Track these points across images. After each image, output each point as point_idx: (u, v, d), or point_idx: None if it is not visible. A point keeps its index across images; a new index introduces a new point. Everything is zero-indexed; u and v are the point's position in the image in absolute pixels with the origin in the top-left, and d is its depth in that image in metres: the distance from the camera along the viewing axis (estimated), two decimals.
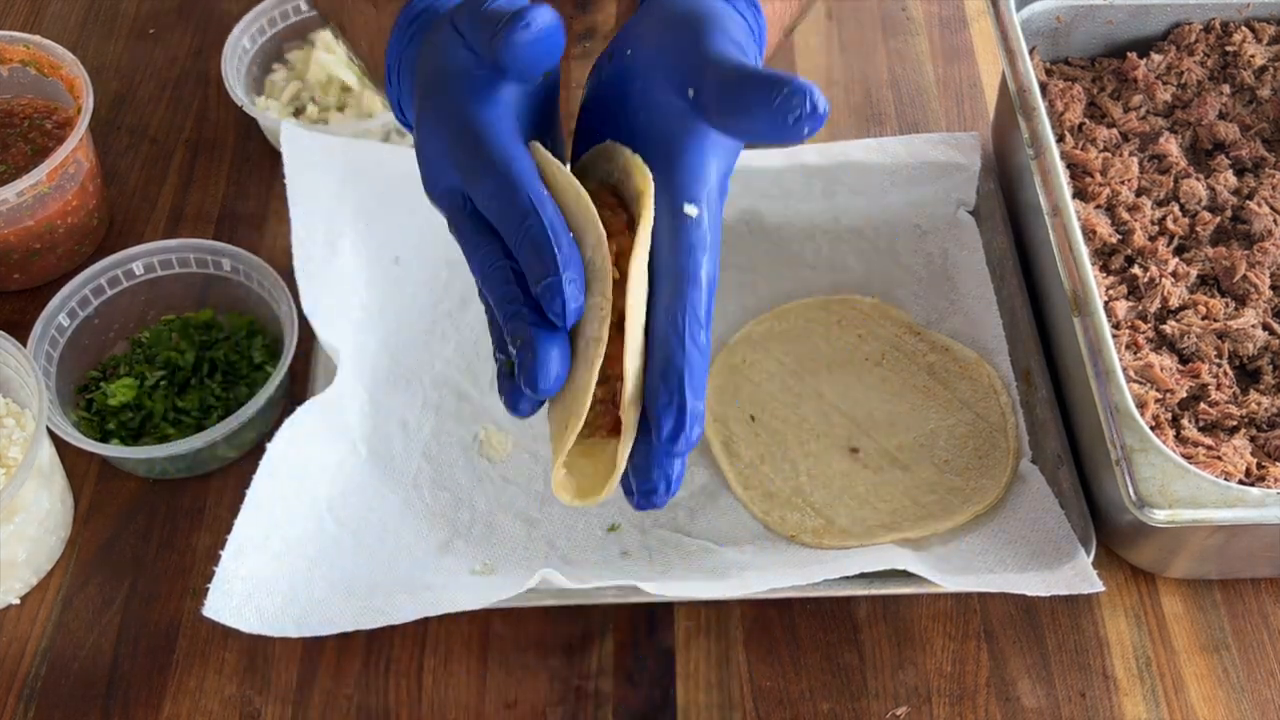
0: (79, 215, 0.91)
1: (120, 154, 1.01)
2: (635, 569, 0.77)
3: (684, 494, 0.80)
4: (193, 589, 0.78)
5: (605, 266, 0.52)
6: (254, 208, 0.97)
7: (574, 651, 0.75)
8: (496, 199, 0.53)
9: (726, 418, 0.83)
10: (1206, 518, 0.67)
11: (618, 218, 0.55)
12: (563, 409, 0.54)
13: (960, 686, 0.73)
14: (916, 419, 0.83)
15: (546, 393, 0.52)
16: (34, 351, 0.81)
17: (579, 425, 0.52)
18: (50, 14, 1.11)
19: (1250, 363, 0.79)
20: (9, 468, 0.75)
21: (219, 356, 0.85)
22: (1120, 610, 0.76)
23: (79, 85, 0.90)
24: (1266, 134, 0.89)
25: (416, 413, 0.84)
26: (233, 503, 0.79)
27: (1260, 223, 0.83)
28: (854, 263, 0.91)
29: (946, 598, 0.77)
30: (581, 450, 0.54)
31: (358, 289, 0.87)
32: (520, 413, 0.54)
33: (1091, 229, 0.82)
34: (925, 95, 1.04)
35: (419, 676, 0.74)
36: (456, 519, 0.79)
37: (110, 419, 0.83)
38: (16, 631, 0.76)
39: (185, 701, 0.73)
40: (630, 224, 0.54)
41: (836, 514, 0.79)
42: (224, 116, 1.03)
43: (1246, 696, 0.73)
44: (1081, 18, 0.93)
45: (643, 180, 0.54)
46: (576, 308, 0.52)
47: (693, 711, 0.73)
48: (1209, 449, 0.73)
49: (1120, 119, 0.89)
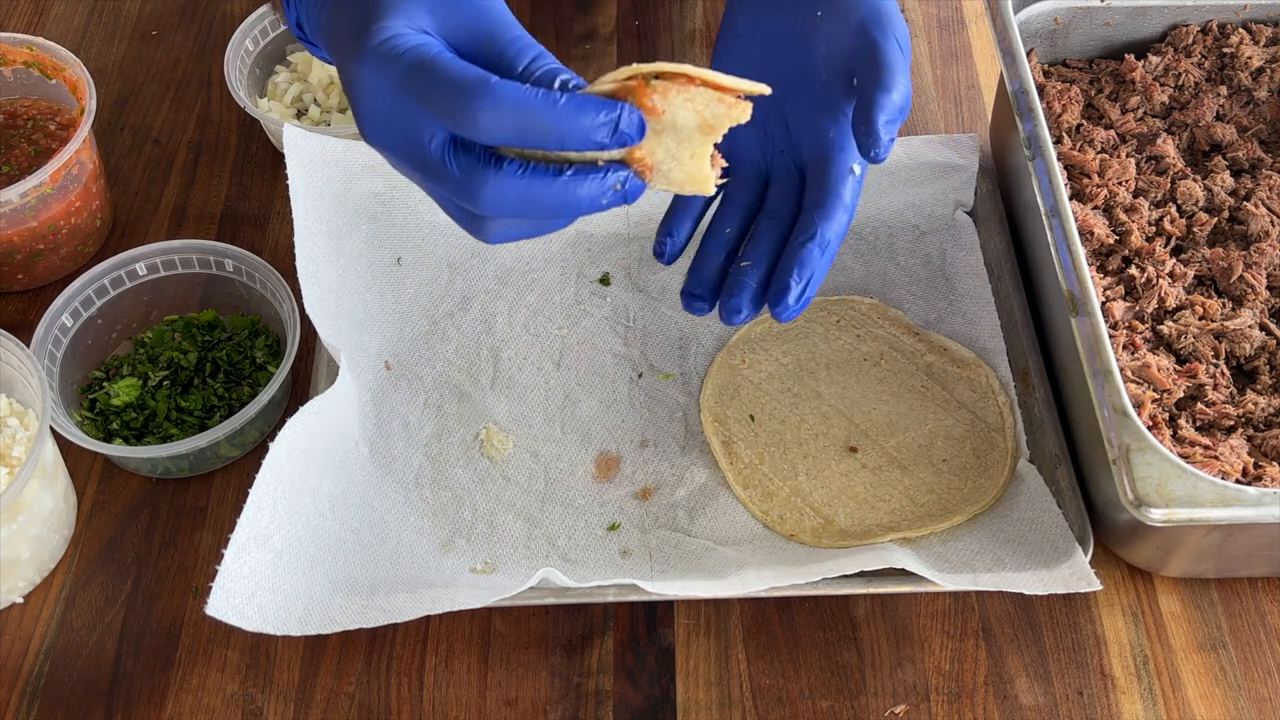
0: (82, 216, 0.91)
1: (123, 155, 1.01)
2: (635, 568, 0.77)
3: (683, 494, 0.81)
4: (195, 588, 0.78)
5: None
6: (256, 208, 0.97)
7: (574, 650, 0.76)
8: (505, 106, 0.55)
9: (726, 418, 0.83)
10: (1203, 517, 0.67)
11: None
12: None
13: (958, 685, 0.74)
14: (915, 419, 0.83)
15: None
16: (37, 352, 0.81)
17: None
18: (53, 16, 1.12)
19: (1247, 363, 0.79)
20: (12, 467, 0.75)
21: (221, 356, 0.86)
22: (1118, 609, 0.77)
23: (82, 87, 0.91)
24: (1263, 135, 0.90)
25: (418, 412, 0.84)
26: (235, 502, 0.80)
27: (1257, 223, 0.83)
28: (852, 263, 0.92)
29: (945, 596, 0.77)
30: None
31: (359, 289, 0.88)
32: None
33: (1089, 230, 0.83)
34: (924, 97, 1.05)
35: (420, 674, 0.75)
36: (458, 518, 0.80)
37: (113, 419, 0.83)
38: (20, 630, 0.77)
39: (188, 699, 0.74)
40: None
41: (835, 514, 0.79)
42: (226, 118, 1.04)
43: (1243, 695, 0.73)
44: (1079, 19, 0.93)
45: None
46: (639, 116, 0.57)
47: (692, 709, 0.73)
48: (1206, 449, 0.74)
49: (1118, 120, 0.90)
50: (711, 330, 0.88)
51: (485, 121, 0.55)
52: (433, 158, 0.58)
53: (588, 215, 0.59)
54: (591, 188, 0.57)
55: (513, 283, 0.91)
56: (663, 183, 0.60)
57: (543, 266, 0.92)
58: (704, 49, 1.08)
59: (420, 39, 0.58)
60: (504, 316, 0.89)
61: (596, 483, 0.81)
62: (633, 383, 0.86)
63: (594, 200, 0.58)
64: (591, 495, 0.81)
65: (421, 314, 0.89)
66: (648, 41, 1.08)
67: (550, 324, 0.89)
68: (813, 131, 0.70)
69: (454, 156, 0.57)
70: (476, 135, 0.56)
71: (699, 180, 0.60)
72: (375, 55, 0.58)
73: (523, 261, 0.92)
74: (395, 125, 0.58)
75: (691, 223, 0.74)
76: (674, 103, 0.58)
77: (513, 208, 0.58)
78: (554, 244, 0.92)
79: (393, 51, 0.58)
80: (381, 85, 0.58)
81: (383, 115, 0.58)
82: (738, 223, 0.73)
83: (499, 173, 0.57)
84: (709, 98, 0.58)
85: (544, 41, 1.08)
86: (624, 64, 1.06)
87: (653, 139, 0.58)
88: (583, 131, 0.55)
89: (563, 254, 0.92)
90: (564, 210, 0.58)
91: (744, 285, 0.68)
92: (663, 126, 0.58)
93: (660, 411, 0.85)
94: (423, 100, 0.57)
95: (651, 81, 0.57)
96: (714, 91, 0.58)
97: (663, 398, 0.85)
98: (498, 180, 0.57)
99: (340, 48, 0.61)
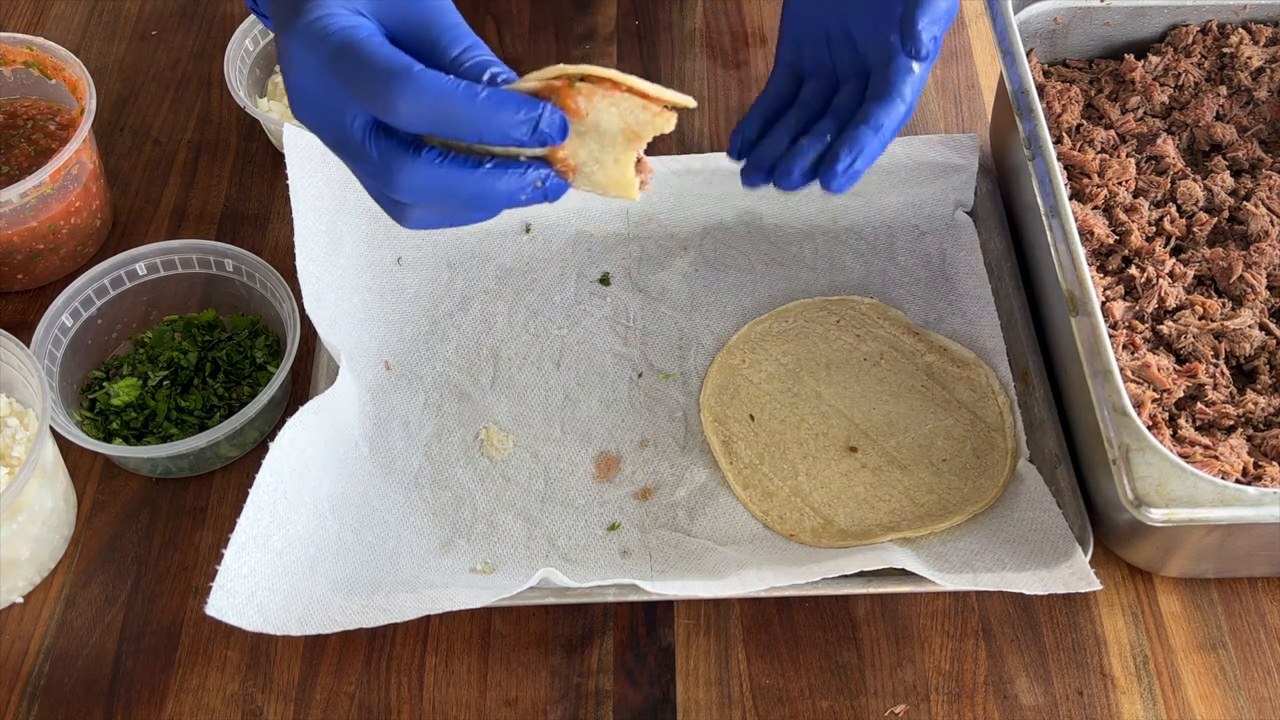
0: (82, 216, 0.91)
1: (123, 155, 1.01)
2: (635, 568, 0.77)
3: (683, 494, 0.81)
4: (195, 587, 0.78)
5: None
6: (256, 208, 0.97)
7: (574, 649, 0.76)
8: (425, 96, 0.56)
9: (726, 418, 0.83)
10: (1203, 517, 0.67)
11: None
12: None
13: (958, 685, 0.74)
14: (915, 419, 0.83)
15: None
16: (37, 351, 0.81)
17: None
18: (53, 16, 1.12)
19: (1247, 363, 0.79)
20: (12, 467, 0.75)
21: (221, 356, 0.86)
22: (1118, 609, 0.77)
23: (82, 87, 0.91)
24: (1263, 135, 0.90)
25: (418, 412, 0.84)
26: (235, 501, 0.80)
27: (1257, 223, 0.83)
28: (852, 263, 0.92)
29: (945, 596, 0.77)
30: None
31: (359, 289, 0.88)
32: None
33: (1089, 229, 0.83)
34: (923, 96, 1.05)
35: (420, 674, 0.75)
36: (458, 518, 0.80)
37: (113, 418, 0.83)
38: (20, 630, 0.77)
39: (188, 699, 0.74)
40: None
41: (835, 514, 0.79)
42: (226, 118, 1.04)
43: (1243, 694, 0.73)
44: (1079, 19, 0.93)
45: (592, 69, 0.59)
46: (562, 117, 0.58)
47: (692, 709, 0.73)
48: (1206, 448, 0.74)
49: (1118, 120, 0.90)
50: (711, 330, 0.88)
51: (404, 109, 0.56)
52: (353, 139, 0.58)
53: (509, 209, 0.61)
54: (510, 182, 0.58)
55: (513, 283, 0.91)
56: (586, 184, 0.61)
57: (543, 266, 0.92)
58: (704, 49, 1.08)
59: (353, 20, 0.59)
60: (504, 316, 0.89)
61: (596, 483, 0.81)
62: (633, 383, 0.86)
63: (512, 195, 0.59)
64: (591, 495, 0.81)
65: (421, 314, 0.89)
66: (647, 41, 1.08)
67: (550, 324, 0.89)
68: (875, 39, 0.72)
69: (374, 140, 0.58)
70: (396, 121, 0.57)
71: (622, 185, 0.60)
72: (306, 33, 0.59)
73: (523, 261, 0.92)
74: (321, 104, 0.59)
75: (760, 121, 0.76)
76: (598, 106, 0.58)
77: (429, 195, 0.59)
78: (554, 244, 0.93)
79: (323, 30, 0.58)
80: (310, 63, 0.59)
81: (310, 93, 0.59)
82: (805, 118, 0.75)
83: (417, 159, 0.58)
84: (634, 105, 0.58)
85: (544, 41, 1.08)
86: (624, 64, 1.06)
87: (576, 140, 0.59)
88: (501, 127, 0.56)
89: (563, 254, 0.92)
90: (481, 202, 0.59)
91: (801, 153, 0.70)
92: (586, 129, 0.59)
93: (660, 411, 0.85)
94: (347, 82, 0.57)
95: (576, 84, 0.58)
96: (639, 99, 0.58)
97: (663, 398, 0.85)
98: (415, 167, 0.58)
99: (278, 21, 0.62)
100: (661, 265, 0.92)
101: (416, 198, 0.59)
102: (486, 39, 1.08)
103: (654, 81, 0.59)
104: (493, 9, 1.11)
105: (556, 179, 0.60)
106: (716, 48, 1.08)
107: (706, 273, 0.91)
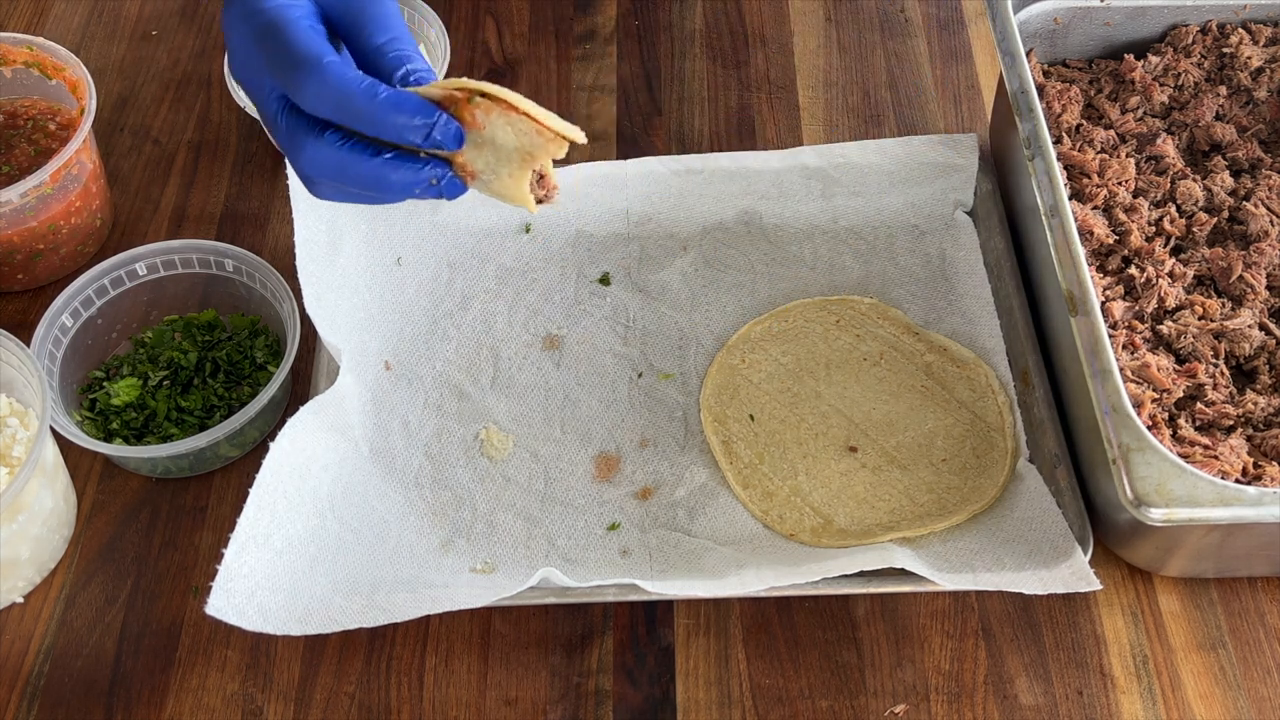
0: (82, 216, 0.91)
1: (123, 155, 1.01)
2: (635, 568, 0.77)
3: (683, 493, 0.81)
4: (195, 587, 0.78)
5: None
6: (256, 208, 0.97)
7: (574, 649, 0.76)
8: (328, 88, 0.60)
9: (726, 418, 0.83)
10: (1203, 516, 0.67)
11: None
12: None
13: (958, 684, 0.74)
14: (914, 419, 0.83)
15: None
16: (37, 351, 0.81)
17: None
18: (53, 16, 1.12)
19: (1247, 363, 0.79)
20: (13, 467, 0.75)
21: (221, 356, 0.86)
22: (1117, 608, 0.77)
23: (82, 87, 0.91)
24: (1263, 135, 0.90)
25: (418, 412, 0.84)
26: (235, 501, 0.80)
27: (1257, 223, 0.83)
28: (852, 263, 0.92)
29: (945, 596, 0.77)
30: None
31: (359, 289, 0.88)
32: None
33: (1089, 229, 0.83)
34: (923, 96, 1.05)
35: (420, 674, 0.75)
36: (457, 517, 0.80)
37: (113, 418, 0.83)
38: (20, 630, 0.77)
39: (188, 699, 0.74)
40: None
41: (835, 513, 0.79)
42: (226, 118, 1.04)
43: (1243, 694, 0.73)
44: (1079, 19, 0.93)
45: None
46: (457, 129, 0.62)
47: (692, 709, 0.73)
48: (1206, 448, 0.74)
49: (1117, 120, 0.90)
50: (711, 330, 0.88)
51: (309, 96, 0.61)
52: (268, 111, 0.64)
53: (409, 199, 0.64)
54: (405, 175, 0.62)
55: (513, 283, 0.91)
56: (485, 190, 0.64)
57: (543, 266, 0.92)
58: (704, 49, 1.08)
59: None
60: (504, 316, 0.89)
61: (596, 482, 0.81)
62: (632, 382, 0.86)
63: (406, 187, 0.63)
64: (591, 495, 0.81)
65: (421, 314, 0.89)
66: (647, 41, 1.08)
67: (550, 324, 0.89)
68: None
69: (285, 115, 0.63)
70: (303, 105, 0.62)
71: (518, 199, 0.64)
72: (242, 5, 0.65)
73: (523, 261, 0.92)
74: (247, 72, 0.65)
75: None
76: (495, 122, 0.61)
77: (328, 174, 0.63)
78: (554, 244, 0.93)
79: (257, 5, 0.64)
80: (244, 32, 0.64)
81: (240, 60, 0.65)
82: None
83: (319, 139, 0.62)
84: (528, 128, 0.61)
85: (544, 41, 1.08)
86: (624, 63, 1.06)
87: (473, 149, 0.62)
88: (395, 127, 0.61)
89: (563, 254, 0.92)
90: (376, 187, 0.63)
91: None
92: (483, 140, 0.62)
93: (660, 411, 0.85)
94: (267, 60, 0.62)
95: (475, 99, 0.61)
96: (534, 124, 0.61)
97: (662, 397, 0.85)
98: (316, 146, 0.63)
99: None
100: (661, 265, 0.92)
101: (316, 174, 0.64)
102: (486, 39, 1.08)
103: (652, 81, 0.60)
104: (493, 9, 1.11)
105: (454, 180, 0.64)
106: (716, 48, 1.08)
107: (706, 272, 0.91)
